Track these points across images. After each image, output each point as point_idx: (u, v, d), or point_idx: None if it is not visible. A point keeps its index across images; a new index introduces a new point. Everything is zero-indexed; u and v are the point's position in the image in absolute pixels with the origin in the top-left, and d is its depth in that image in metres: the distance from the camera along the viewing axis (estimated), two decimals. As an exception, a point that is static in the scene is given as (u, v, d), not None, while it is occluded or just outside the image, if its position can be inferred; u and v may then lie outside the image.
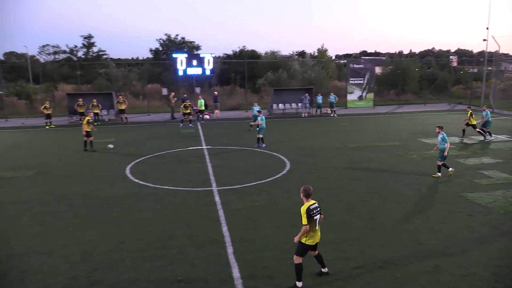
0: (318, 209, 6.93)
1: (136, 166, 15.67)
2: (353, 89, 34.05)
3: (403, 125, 24.86)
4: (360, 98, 34.26)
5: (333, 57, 59.43)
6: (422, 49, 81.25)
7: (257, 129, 18.97)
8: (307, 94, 29.42)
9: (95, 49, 44.48)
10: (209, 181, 13.51)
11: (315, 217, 6.82)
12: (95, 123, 26.59)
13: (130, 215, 10.57)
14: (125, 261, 8.10)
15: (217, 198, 11.74)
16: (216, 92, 31.91)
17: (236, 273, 7.57)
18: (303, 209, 6.78)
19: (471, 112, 20.20)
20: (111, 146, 10.34)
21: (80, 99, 26.63)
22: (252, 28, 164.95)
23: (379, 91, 38.71)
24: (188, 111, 25.65)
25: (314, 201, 6.97)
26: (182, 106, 25.71)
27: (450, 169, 13.68)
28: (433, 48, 78.60)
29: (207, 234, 9.35)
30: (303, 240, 6.88)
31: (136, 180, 13.68)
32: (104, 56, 44.99)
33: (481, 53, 43.22)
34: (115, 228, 9.73)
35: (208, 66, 30.32)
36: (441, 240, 8.95)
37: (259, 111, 19.66)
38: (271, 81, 38.24)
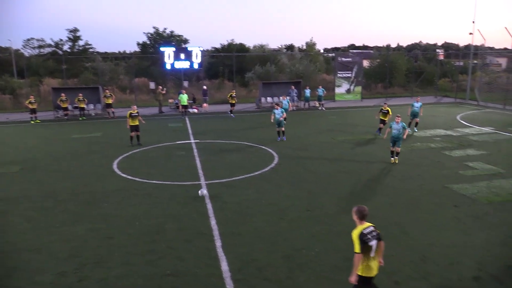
0: (374, 233, 5.75)
1: (124, 160, 15.57)
2: (341, 83, 34.19)
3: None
4: (348, 91, 34.43)
5: (322, 51, 59.54)
6: (409, 43, 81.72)
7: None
8: (293, 87, 29.45)
9: (81, 42, 43.91)
10: (198, 175, 13.50)
11: (370, 243, 5.65)
12: (80, 118, 26.39)
13: (119, 210, 10.53)
14: (114, 256, 8.08)
15: (205, 192, 11.74)
16: (205, 86, 31.78)
17: (225, 266, 7.61)
18: (355, 234, 5.63)
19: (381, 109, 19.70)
20: (203, 192, 9.56)
21: (63, 94, 26.25)
22: (240, 21, 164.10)
23: (367, 85, 38.94)
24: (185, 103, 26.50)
25: (369, 224, 5.79)
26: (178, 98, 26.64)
27: (392, 158, 14.66)
28: (420, 41, 79.11)
29: (196, 228, 9.37)
30: (359, 273, 5.69)
31: (124, 175, 13.60)
32: (91, 50, 44.44)
33: (467, 47, 43.71)
34: (103, 224, 9.69)
35: (196, 60, 30.16)
36: (427, 231, 9.10)
37: (277, 104, 19.40)
38: (260, 74, 38.19)
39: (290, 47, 53.36)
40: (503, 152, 16.23)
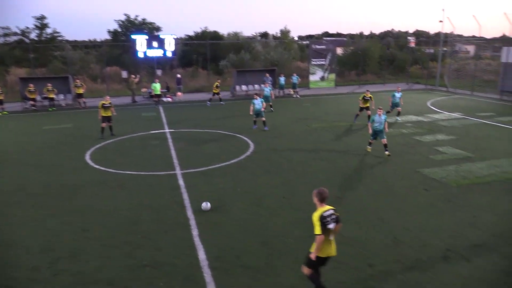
0: (334, 217, 5.90)
1: (97, 152, 15.27)
2: (315, 70, 34.39)
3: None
4: (322, 78, 34.69)
5: (296, 38, 59.47)
6: (382, 30, 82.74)
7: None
8: (268, 75, 29.46)
9: (48, 30, 42.26)
10: (173, 164, 13.40)
11: (328, 226, 5.83)
12: (50, 109, 25.61)
13: (93, 203, 10.36)
14: (89, 249, 7.97)
15: (181, 182, 11.68)
16: (178, 75, 31.35)
17: (202, 255, 7.64)
18: (316, 216, 5.80)
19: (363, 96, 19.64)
20: (206, 206, 9.02)
21: (31, 85, 25.37)
22: (214, 8, 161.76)
23: (340, 72, 39.29)
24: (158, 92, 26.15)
25: (329, 207, 5.95)
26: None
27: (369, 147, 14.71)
28: (392, 29, 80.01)
29: (173, 218, 9.33)
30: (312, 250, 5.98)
31: (98, 166, 13.35)
32: (59, 38, 42.88)
33: (437, 34, 44.63)
34: (77, 217, 9.51)
35: (169, 48, 29.67)
36: (400, 215, 9.38)
37: (256, 94, 19.10)
38: (234, 62, 37.94)
39: (265, 35, 53.10)
40: (470, 136, 16.79)
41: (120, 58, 38.10)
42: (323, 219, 5.77)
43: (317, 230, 5.74)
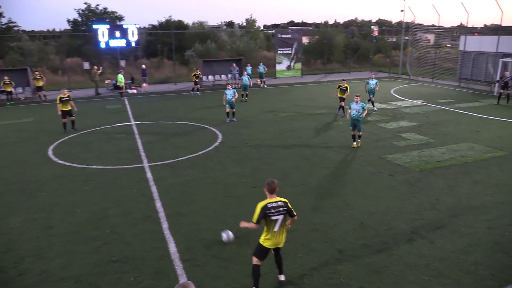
0: (281, 209, 5.86)
1: (60, 146, 14.78)
2: (282, 59, 34.52)
3: (330, 93, 25.83)
4: (289, 68, 34.87)
5: (261, 27, 59.39)
6: (346, 19, 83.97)
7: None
8: (234, 64, 29.32)
9: (3, 20, 40.22)
10: (140, 157, 13.17)
11: (273, 218, 5.84)
12: (8, 103, 24.49)
13: (57, 199, 10.05)
14: (55, 247, 7.75)
15: (149, 175, 11.52)
16: (144, 66, 30.67)
17: (172, 247, 7.59)
18: (259, 205, 5.83)
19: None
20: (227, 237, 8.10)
21: None
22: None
23: (306, 61, 39.62)
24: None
25: (280, 199, 5.95)
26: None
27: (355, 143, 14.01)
28: (356, 18, 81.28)
29: (141, 211, 9.20)
30: (260, 241, 6.08)
31: (61, 161, 12.94)
32: (15, 28, 40.89)
33: (399, 23, 45.65)
34: (41, 213, 9.21)
35: (133, 38, 28.94)
36: (366, 200, 9.64)
37: (229, 84, 18.83)
38: (200, 52, 37.51)
39: (230, 24, 52.66)
40: (431, 122, 17.40)
41: (81, 48, 36.81)
42: (265, 210, 5.80)
43: (254, 218, 5.83)
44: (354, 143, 13.92)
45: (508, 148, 13.47)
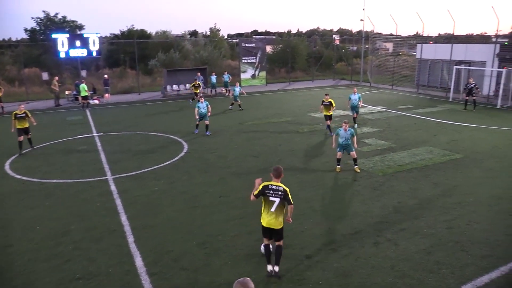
0: (279, 193, 6.57)
1: (18, 160, 14.16)
2: (246, 68, 34.71)
3: (294, 101, 26.22)
4: (253, 76, 35.10)
5: (226, 37, 59.56)
6: (308, 29, 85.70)
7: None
8: (199, 74, 29.24)
9: (-47, 29, 38.37)
10: (103, 170, 12.83)
11: (270, 198, 6.60)
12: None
13: (16, 215, 9.60)
14: (14, 266, 7.38)
15: (113, 187, 11.23)
16: (106, 75, 29.99)
17: (139, 261, 7.42)
18: (262, 184, 6.68)
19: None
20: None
21: None
22: (140, 6, 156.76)
23: (270, 69, 40.03)
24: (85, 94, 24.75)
25: (280, 184, 6.66)
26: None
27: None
28: (318, 27, 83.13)
29: (105, 225, 8.94)
30: (261, 221, 6.83)
31: (19, 176, 12.39)
32: (-33, 38, 39.09)
33: (359, 32, 47.06)
34: (-3, 231, 8.77)
35: (94, 47, 28.27)
36: (332, 205, 9.82)
37: (201, 97, 18.04)
38: (163, 61, 37.13)
39: (194, 33, 52.50)
40: (392, 128, 17.98)
41: (39, 58, 35.60)
42: (266, 189, 6.63)
43: (255, 192, 6.67)
44: (339, 166, 12.36)
45: (464, 151, 14.11)
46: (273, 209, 6.61)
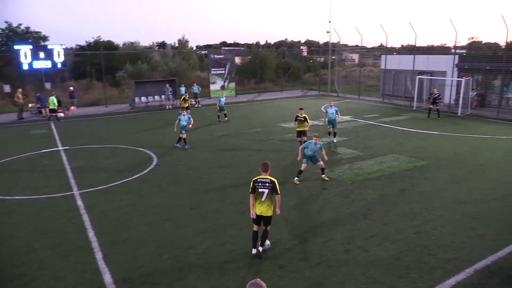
0: (267, 184, 7.62)
1: (-24, 177, 13.53)
2: (215, 79, 34.75)
3: (264, 112, 26.41)
4: (223, 87, 35.14)
5: (194, 48, 59.41)
6: (276, 40, 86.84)
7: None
8: (167, 85, 29.02)
9: None
10: (69, 185, 12.44)
11: (260, 190, 7.63)
12: None
13: (-26, 234, 9.14)
14: (-27, 288, 7.02)
15: (80, 202, 10.89)
16: (71, 88, 29.24)
17: (108, 278, 7.20)
18: (252, 180, 7.75)
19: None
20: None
21: None
22: (107, 17, 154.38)
23: (240, 80, 40.21)
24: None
25: (268, 177, 7.73)
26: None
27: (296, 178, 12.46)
28: (286, 39, 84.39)
29: (72, 242, 8.65)
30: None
31: (-21, 193, 11.84)
32: None
33: (326, 44, 48.12)
34: (-45, 252, 8.31)
35: (59, 59, 27.61)
36: (303, 214, 9.89)
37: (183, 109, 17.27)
38: (131, 73, 36.64)
39: (162, 45, 52.11)
40: (360, 137, 18.39)
41: (1, 70, 34.37)
42: (255, 183, 7.70)
43: (251, 189, 7.68)
44: (297, 178, 12.31)
45: (429, 158, 14.59)
46: (263, 199, 7.64)
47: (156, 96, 30.28)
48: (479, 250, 7.93)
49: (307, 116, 15.61)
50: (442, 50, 39.88)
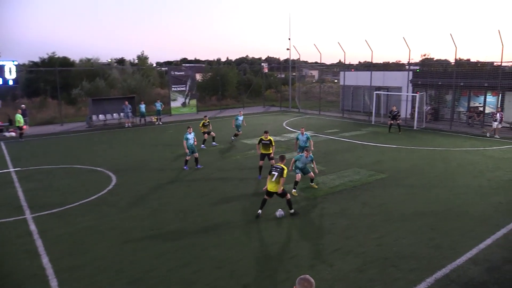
0: (279, 169, 10.37)
1: None
2: (176, 96, 34.41)
3: (226, 129, 26.31)
4: (184, 104, 34.85)
5: (154, 65, 58.81)
6: (238, 57, 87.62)
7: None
8: (126, 102, 28.42)
9: None
10: (21, 208, 11.74)
11: (273, 172, 10.46)
12: None
13: None
14: None
15: (33, 227, 10.28)
16: (23, 105, 27.96)
17: (64, 307, 6.78)
18: (272, 164, 11.31)
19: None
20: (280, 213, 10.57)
21: None
22: (62, 33, 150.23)
23: (201, 97, 40.09)
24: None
25: (280, 165, 10.55)
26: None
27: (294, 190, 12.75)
28: (247, 55, 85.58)
29: (25, 270, 8.10)
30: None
31: None
32: None
33: (286, 61, 49.02)
34: None
35: (10, 76, 26.43)
36: (269, 233, 9.81)
37: (188, 127, 16.44)
38: (88, 90, 35.61)
39: (121, 61, 51.26)
40: (322, 151, 18.66)
41: None
42: (272, 167, 10.84)
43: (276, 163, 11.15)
44: (294, 190, 12.58)
45: (388, 171, 15.00)
46: (273, 179, 10.35)
47: (114, 114, 29.52)
48: (438, 260, 8.15)
49: (272, 139, 14.59)
50: (397, 66, 41.69)
